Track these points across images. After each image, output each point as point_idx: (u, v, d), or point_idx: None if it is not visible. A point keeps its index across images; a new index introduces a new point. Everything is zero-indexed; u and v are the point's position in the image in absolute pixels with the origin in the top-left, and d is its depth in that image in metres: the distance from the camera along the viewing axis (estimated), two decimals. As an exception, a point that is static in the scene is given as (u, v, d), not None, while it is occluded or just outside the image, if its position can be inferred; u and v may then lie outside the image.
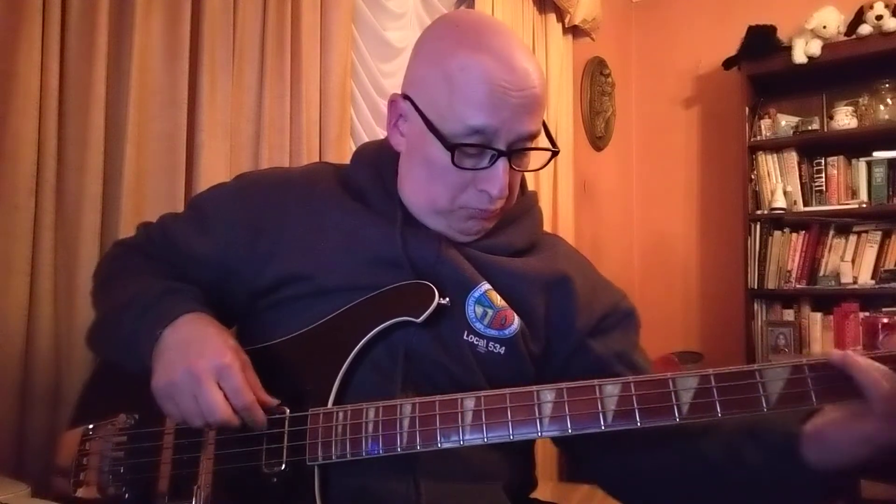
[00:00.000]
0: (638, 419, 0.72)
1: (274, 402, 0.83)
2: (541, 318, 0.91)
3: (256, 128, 1.72)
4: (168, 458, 0.87)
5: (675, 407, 0.71)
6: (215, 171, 1.60)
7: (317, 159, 1.83)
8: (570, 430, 0.74)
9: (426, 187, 0.89)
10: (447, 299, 0.85)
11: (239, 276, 0.95)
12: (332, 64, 1.91)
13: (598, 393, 0.73)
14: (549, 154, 0.91)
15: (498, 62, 0.83)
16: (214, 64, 1.62)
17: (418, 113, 0.87)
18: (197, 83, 1.58)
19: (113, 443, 0.90)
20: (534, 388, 0.75)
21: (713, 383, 0.71)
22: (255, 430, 0.82)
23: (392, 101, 0.93)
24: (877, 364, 0.69)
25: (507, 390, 0.76)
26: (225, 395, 0.79)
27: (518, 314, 0.89)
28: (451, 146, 0.83)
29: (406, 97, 0.90)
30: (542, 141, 0.91)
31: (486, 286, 0.88)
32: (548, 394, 0.74)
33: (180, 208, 1.42)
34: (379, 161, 0.97)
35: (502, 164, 0.84)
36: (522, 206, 0.99)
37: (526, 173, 0.96)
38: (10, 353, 1.26)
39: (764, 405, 0.70)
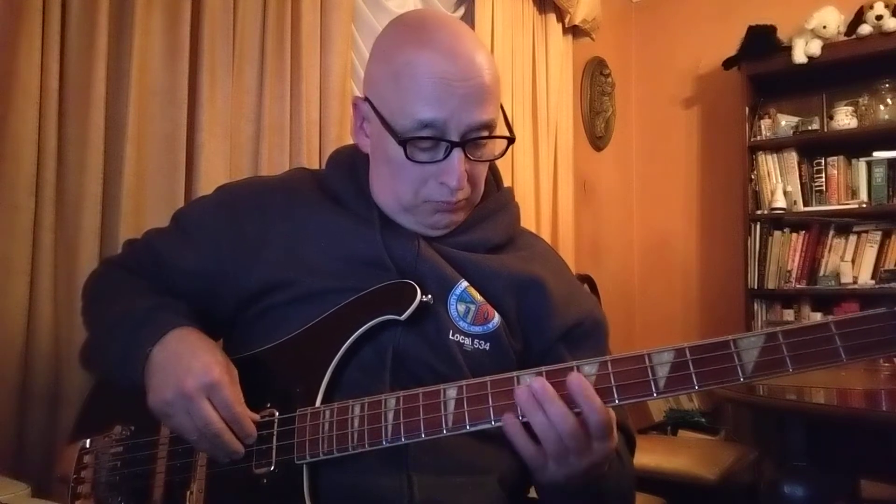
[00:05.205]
0: (616, 397, 0.72)
1: (256, 416, 0.84)
2: (514, 316, 0.92)
3: (256, 128, 1.73)
4: (162, 466, 0.88)
5: (653, 382, 0.71)
6: (215, 171, 1.60)
7: (317, 159, 1.84)
8: None
9: (390, 184, 0.91)
10: (429, 297, 0.86)
11: (226, 285, 0.95)
12: (332, 64, 1.91)
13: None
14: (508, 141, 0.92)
15: (440, 55, 0.85)
16: (214, 64, 1.62)
17: (375, 112, 0.89)
18: (197, 83, 1.58)
19: (109, 454, 0.91)
20: (514, 373, 0.76)
21: (688, 356, 0.70)
22: (245, 441, 0.83)
23: (355, 104, 0.95)
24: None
25: (488, 378, 0.76)
26: (215, 409, 0.81)
27: (495, 310, 0.91)
28: (402, 141, 0.85)
29: (366, 99, 0.92)
30: (503, 129, 0.92)
31: (465, 283, 0.90)
32: (528, 378, 0.74)
33: (180, 208, 1.42)
34: (353, 164, 0.99)
35: (457, 154, 0.86)
36: (498, 201, 1.01)
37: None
38: (10, 353, 1.27)
39: (740, 375, 0.69)
